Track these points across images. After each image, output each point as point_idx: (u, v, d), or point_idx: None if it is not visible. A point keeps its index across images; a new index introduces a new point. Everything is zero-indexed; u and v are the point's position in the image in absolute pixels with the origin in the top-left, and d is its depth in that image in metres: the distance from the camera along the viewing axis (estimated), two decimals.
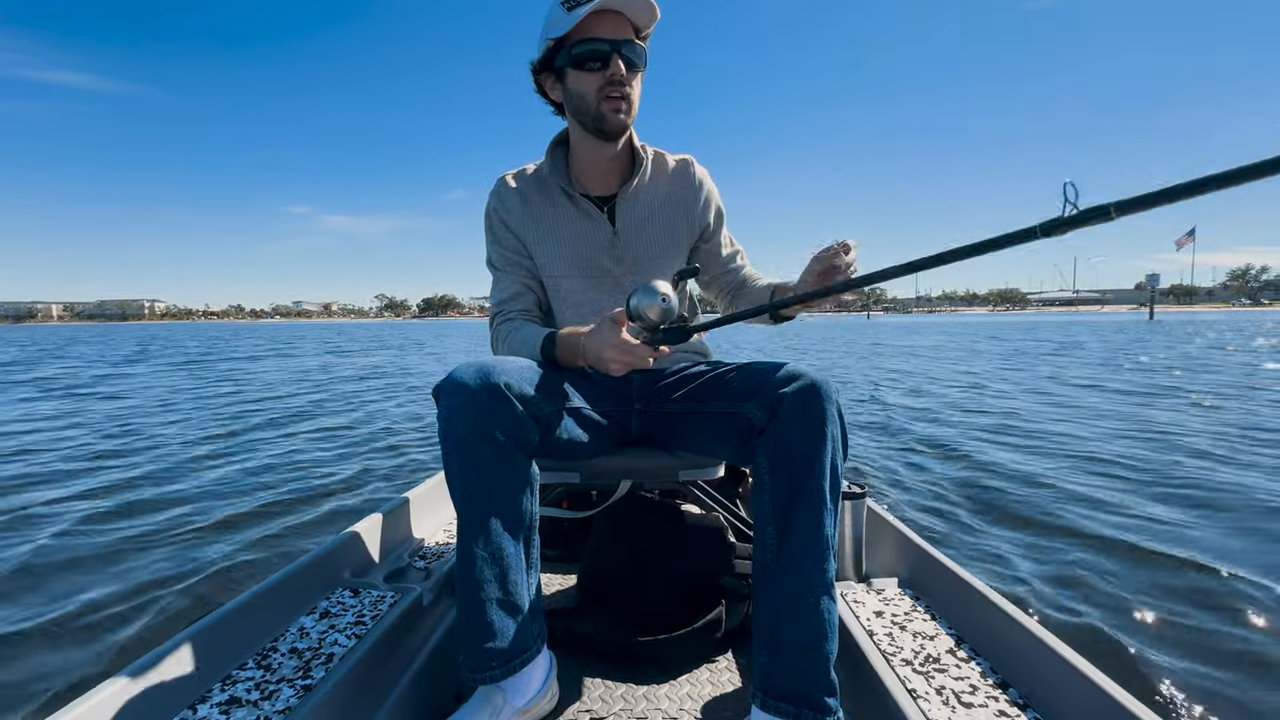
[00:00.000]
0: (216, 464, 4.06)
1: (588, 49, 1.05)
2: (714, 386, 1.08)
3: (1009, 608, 1.03)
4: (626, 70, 1.07)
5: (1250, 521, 2.67)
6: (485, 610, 0.92)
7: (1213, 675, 1.61)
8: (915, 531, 1.37)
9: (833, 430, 0.90)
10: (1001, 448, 4.21)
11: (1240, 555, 2.31)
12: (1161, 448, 4.11)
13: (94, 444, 4.76)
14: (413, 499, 1.64)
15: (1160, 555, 2.33)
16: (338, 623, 1.11)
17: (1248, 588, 2.05)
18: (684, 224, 1.28)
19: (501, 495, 0.93)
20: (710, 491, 1.49)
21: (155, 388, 8.89)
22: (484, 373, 0.91)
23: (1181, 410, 5.62)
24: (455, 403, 0.90)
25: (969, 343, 18.80)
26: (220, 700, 0.89)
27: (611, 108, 1.08)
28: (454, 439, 0.90)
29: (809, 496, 0.89)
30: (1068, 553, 2.38)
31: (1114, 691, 0.81)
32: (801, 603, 0.89)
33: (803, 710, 0.87)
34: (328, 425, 5.58)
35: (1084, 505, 2.94)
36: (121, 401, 7.41)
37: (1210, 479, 3.32)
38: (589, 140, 1.16)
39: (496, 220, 1.24)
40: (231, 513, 3.00)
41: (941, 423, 5.26)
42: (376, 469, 3.93)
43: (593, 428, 1.13)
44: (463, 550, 0.93)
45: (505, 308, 1.22)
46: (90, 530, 2.75)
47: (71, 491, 3.39)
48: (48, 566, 2.37)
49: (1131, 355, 12.44)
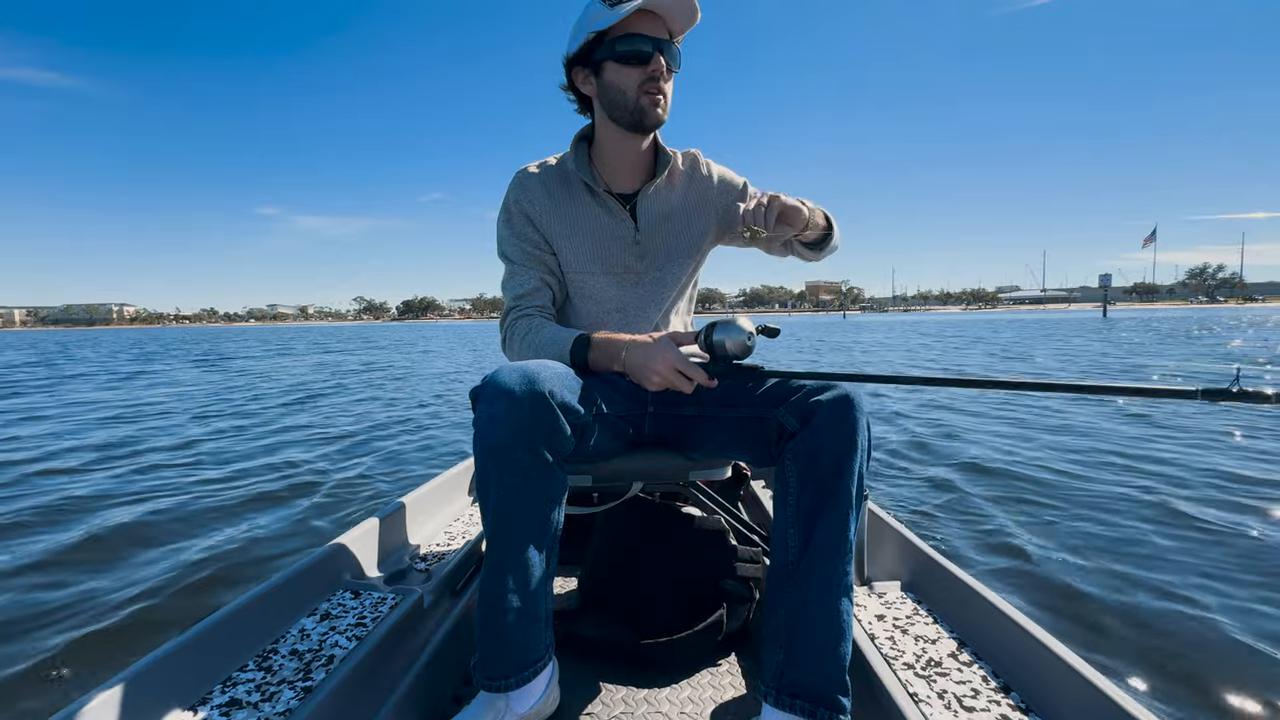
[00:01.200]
0: (216, 463, 4.05)
1: (632, 45, 1.07)
2: (737, 392, 1.08)
3: (1011, 611, 1.03)
4: (666, 69, 1.10)
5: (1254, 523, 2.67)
6: (508, 619, 0.91)
7: (1217, 679, 1.60)
8: (917, 535, 1.36)
9: (862, 440, 0.92)
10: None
11: (1249, 561, 2.31)
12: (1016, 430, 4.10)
13: (91, 442, 4.76)
14: (414, 501, 1.64)
15: (1166, 558, 2.32)
16: (338, 624, 1.11)
17: (1254, 591, 2.05)
18: (702, 221, 1.29)
19: (535, 505, 0.91)
20: (712, 494, 1.49)
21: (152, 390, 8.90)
22: (529, 379, 0.88)
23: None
24: (498, 410, 0.87)
25: (903, 339, 19.94)
26: (220, 702, 0.89)
27: (651, 102, 1.11)
28: (493, 446, 0.87)
29: (837, 500, 0.91)
30: (1068, 551, 2.38)
31: (1116, 696, 0.81)
32: (822, 603, 0.90)
33: (819, 709, 0.87)
34: (328, 424, 5.58)
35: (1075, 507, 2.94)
36: (94, 407, 7.41)
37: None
38: (619, 135, 1.18)
39: (518, 212, 1.23)
40: (232, 513, 3.00)
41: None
42: (378, 470, 3.93)
43: (611, 431, 1.13)
44: (490, 558, 0.92)
45: (523, 303, 1.21)
46: (90, 529, 2.75)
47: (71, 490, 3.39)
48: (47, 565, 2.37)
49: (1029, 347, 14.18)
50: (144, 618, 1.97)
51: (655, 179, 1.23)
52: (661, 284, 1.26)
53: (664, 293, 1.27)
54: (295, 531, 2.76)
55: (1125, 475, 3.52)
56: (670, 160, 1.25)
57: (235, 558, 2.43)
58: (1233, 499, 3.04)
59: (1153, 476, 3.47)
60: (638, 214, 1.23)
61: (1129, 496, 3.12)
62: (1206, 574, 2.18)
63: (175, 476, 3.73)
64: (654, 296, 1.26)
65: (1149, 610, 1.95)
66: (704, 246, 1.32)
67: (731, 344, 0.96)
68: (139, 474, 3.83)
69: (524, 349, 1.16)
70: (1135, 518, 2.78)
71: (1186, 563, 2.28)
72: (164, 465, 4.06)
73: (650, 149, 1.23)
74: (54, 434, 5.25)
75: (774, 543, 0.97)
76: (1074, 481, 3.41)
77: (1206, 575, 2.17)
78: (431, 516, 1.72)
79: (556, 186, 1.23)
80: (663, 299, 1.28)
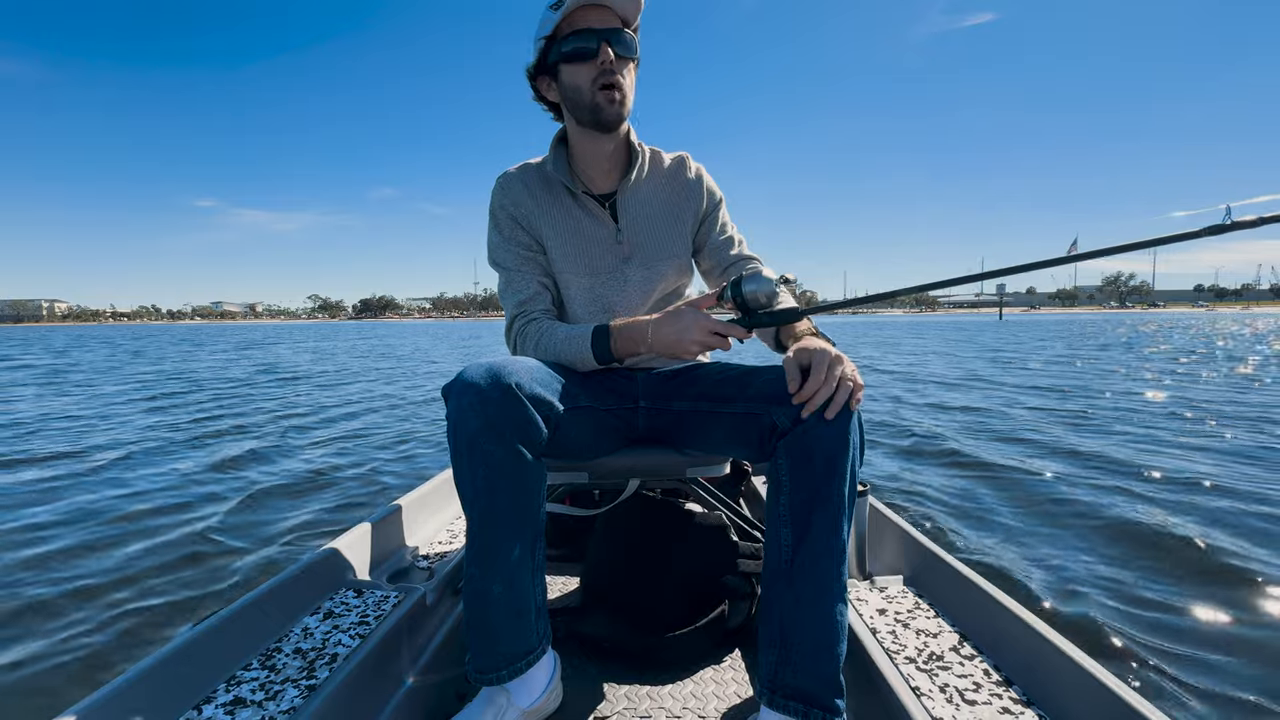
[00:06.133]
0: (214, 463, 4.06)
1: (577, 42, 1.06)
2: (730, 387, 1.08)
3: (1012, 605, 1.03)
4: (617, 59, 1.08)
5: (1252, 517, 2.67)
6: (492, 611, 0.92)
7: (1218, 672, 1.60)
8: (918, 529, 1.36)
9: (854, 437, 0.91)
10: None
11: (1248, 551, 2.31)
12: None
13: (84, 443, 4.77)
14: (416, 499, 1.64)
15: (1166, 550, 2.32)
16: (342, 623, 1.11)
17: (1256, 582, 2.05)
18: (684, 217, 1.28)
19: (510, 495, 0.92)
20: (713, 490, 1.49)
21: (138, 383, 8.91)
22: (494, 373, 0.91)
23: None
24: (465, 402, 0.89)
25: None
26: (225, 701, 0.89)
27: (606, 98, 1.09)
28: (463, 438, 0.90)
29: (829, 499, 0.90)
30: (1068, 551, 2.38)
31: (1118, 689, 0.81)
32: (815, 604, 0.89)
33: (812, 710, 0.87)
34: (328, 423, 5.59)
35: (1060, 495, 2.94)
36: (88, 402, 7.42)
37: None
38: (587, 136, 1.16)
39: (505, 217, 1.22)
40: (233, 513, 3.01)
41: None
42: (380, 469, 3.94)
43: (600, 426, 1.13)
44: (470, 550, 0.93)
45: (527, 308, 1.20)
46: (90, 528, 2.76)
47: (64, 491, 3.40)
48: (46, 564, 2.38)
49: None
50: (147, 618, 1.98)
51: (630, 175, 1.21)
52: (648, 283, 1.25)
53: (651, 293, 1.26)
54: (298, 531, 2.76)
55: (1126, 476, 3.52)
56: (640, 156, 1.23)
57: (239, 557, 2.44)
58: (1233, 499, 3.04)
59: (1153, 475, 3.47)
60: (617, 213, 1.23)
61: (1130, 496, 3.12)
62: (1207, 572, 2.18)
63: (175, 475, 3.74)
64: (641, 297, 1.25)
65: (1153, 606, 1.95)
66: (689, 243, 1.30)
67: (764, 294, 0.96)
68: (139, 471, 3.84)
69: (536, 352, 1.14)
70: (1135, 517, 2.78)
71: (1187, 562, 2.27)
72: (165, 464, 4.07)
73: (622, 146, 1.21)
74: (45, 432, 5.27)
75: (767, 542, 0.96)
76: (1074, 481, 3.41)
77: (1207, 574, 2.17)
78: (434, 515, 1.73)
79: (539, 188, 1.22)
80: (650, 299, 1.26)
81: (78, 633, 1.88)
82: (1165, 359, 11.41)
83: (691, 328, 1.00)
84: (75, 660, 1.75)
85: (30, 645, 1.82)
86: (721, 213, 1.32)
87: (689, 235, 1.29)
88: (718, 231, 1.30)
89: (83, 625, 1.93)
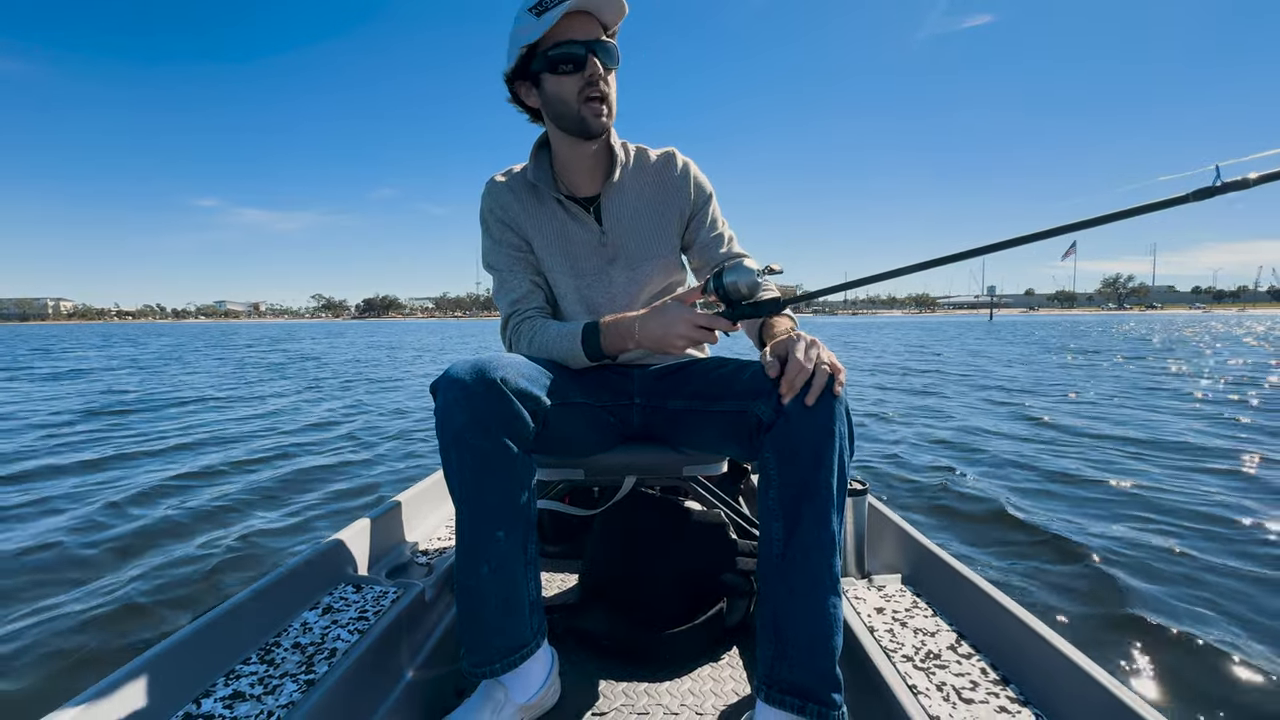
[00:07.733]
0: (213, 463, 4.07)
1: (563, 52, 1.05)
2: (720, 384, 1.08)
3: (1010, 604, 1.03)
4: (603, 70, 1.07)
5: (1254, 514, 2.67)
6: (483, 604, 0.93)
7: (1212, 671, 1.61)
8: (916, 528, 1.37)
9: (840, 428, 0.90)
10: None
11: (1245, 553, 2.31)
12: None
13: (83, 442, 4.77)
14: (415, 495, 1.64)
15: (1160, 550, 2.33)
16: (340, 618, 1.11)
17: (1251, 583, 2.05)
18: (671, 215, 1.27)
19: (499, 490, 0.93)
20: (712, 488, 1.49)
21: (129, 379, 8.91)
22: (480, 368, 0.92)
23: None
24: (451, 398, 0.90)
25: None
26: (224, 695, 0.90)
27: (592, 111, 1.09)
28: (451, 433, 0.90)
29: (817, 493, 0.89)
30: (1069, 549, 2.38)
31: (1114, 688, 0.81)
32: (808, 598, 0.89)
33: (809, 704, 0.87)
34: (327, 422, 5.59)
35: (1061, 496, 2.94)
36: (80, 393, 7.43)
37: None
38: (569, 142, 1.16)
39: (494, 220, 1.23)
40: (233, 509, 3.01)
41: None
42: (379, 464, 3.94)
43: (594, 423, 1.13)
44: (461, 544, 0.94)
45: (520, 307, 1.21)
46: (89, 528, 2.77)
47: (66, 490, 3.41)
48: (45, 564, 2.38)
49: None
50: (147, 613, 1.98)
51: (612, 177, 1.21)
52: (634, 284, 1.25)
53: (638, 294, 1.26)
54: (297, 526, 2.77)
55: (1124, 476, 3.52)
56: (619, 159, 1.22)
57: (238, 552, 2.44)
58: (1234, 498, 3.04)
59: (1156, 472, 3.47)
60: (601, 216, 1.23)
61: (1129, 494, 3.12)
62: (1207, 571, 2.18)
63: (175, 472, 3.75)
64: (627, 298, 1.25)
65: (1150, 606, 1.95)
66: (677, 241, 1.29)
67: (745, 285, 0.97)
68: (138, 471, 3.84)
69: (530, 350, 1.15)
70: (1136, 516, 2.78)
71: (1187, 560, 2.28)
72: (164, 460, 4.08)
73: (604, 149, 1.21)
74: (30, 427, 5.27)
75: (761, 537, 0.96)
76: (1074, 479, 3.41)
77: (1208, 572, 2.17)
78: (433, 511, 1.73)
79: (524, 193, 1.23)
80: (637, 300, 1.26)
81: (78, 626, 1.89)
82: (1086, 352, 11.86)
83: (677, 322, 1.01)
84: (75, 654, 1.75)
85: (30, 639, 1.82)
86: (711, 208, 1.31)
87: (676, 233, 1.28)
88: (707, 228, 1.29)
89: (83, 619, 1.93)
